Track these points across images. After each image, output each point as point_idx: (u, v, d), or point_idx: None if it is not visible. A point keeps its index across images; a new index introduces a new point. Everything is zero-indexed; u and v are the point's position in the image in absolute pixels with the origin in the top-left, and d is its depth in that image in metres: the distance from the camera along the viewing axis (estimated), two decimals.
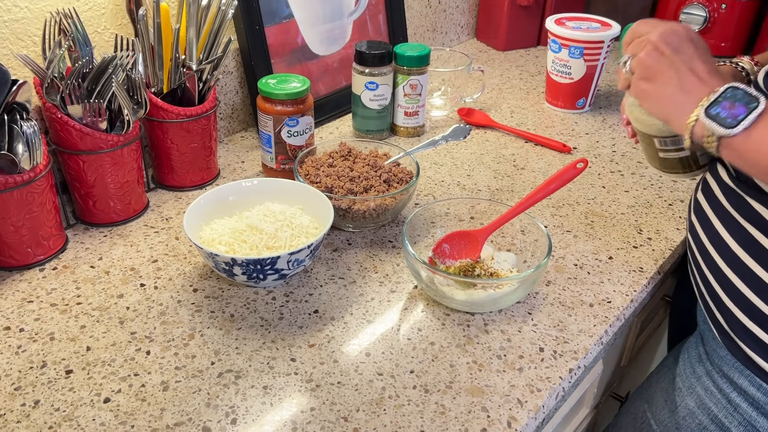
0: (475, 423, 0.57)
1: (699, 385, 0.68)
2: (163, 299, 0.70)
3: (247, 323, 0.67)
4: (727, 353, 0.65)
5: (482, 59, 1.41)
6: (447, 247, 0.75)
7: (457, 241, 0.75)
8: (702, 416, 0.67)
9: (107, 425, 0.56)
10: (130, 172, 0.80)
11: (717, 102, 0.56)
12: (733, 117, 0.54)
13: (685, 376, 0.70)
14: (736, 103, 0.55)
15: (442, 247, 0.75)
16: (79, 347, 0.63)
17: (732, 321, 0.64)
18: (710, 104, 0.56)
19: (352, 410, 0.58)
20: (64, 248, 0.77)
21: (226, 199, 0.75)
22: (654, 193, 0.93)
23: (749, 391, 0.63)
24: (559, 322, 0.69)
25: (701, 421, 0.67)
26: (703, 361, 0.69)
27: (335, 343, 0.65)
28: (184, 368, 0.62)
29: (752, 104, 0.54)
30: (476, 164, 1.00)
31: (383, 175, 0.82)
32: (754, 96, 0.54)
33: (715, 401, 0.66)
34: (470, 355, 0.64)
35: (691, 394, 0.68)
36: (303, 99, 0.87)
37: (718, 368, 0.66)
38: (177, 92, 0.85)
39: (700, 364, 0.69)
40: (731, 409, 0.65)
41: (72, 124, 0.73)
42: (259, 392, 0.59)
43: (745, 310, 0.62)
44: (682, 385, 0.70)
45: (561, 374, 0.62)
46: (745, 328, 0.62)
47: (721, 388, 0.66)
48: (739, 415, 0.64)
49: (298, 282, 0.73)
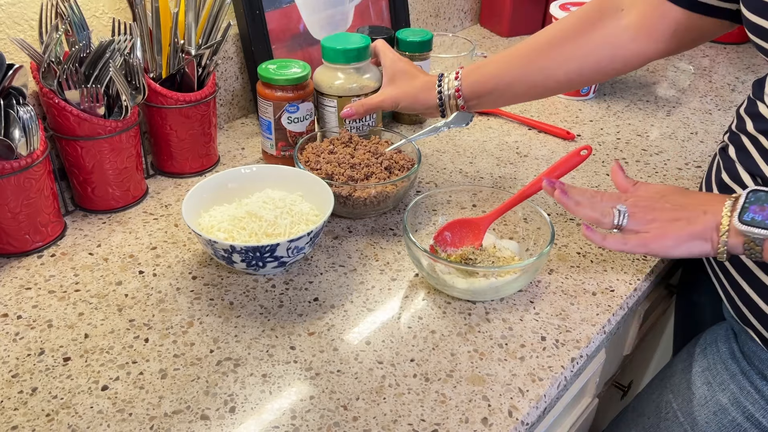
0: (476, 412, 0.57)
1: (733, 383, 0.66)
2: (161, 286, 0.69)
3: (247, 311, 0.67)
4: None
5: (486, 45, 1.40)
6: (448, 235, 0.74)
7: (458, 228, 0.74)
8: (735, 413, 0.66)
9: (105, 413, 0.55)
10: (129, 158, 0.79)
11: (745, 209, 0.55)
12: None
13: (716, 371, 0.68)
14: (765, 205, 0.54)
15: (443, 235, 0.74)
16: (77, 334, 0.63)
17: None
18: (740, 212, 0.56)
19: (352, 398, 0.57)
20: (62, 235, 0.76)
21: (225, 186, 0.75)
22: (658, 180, 0.92)
23: None
24: (561, 310, 0.68)
25: (734, 417, 0.66)
26: (737, 359, 0.67)
27: (335, 331, 0.64)
28: (182, 356, 0.61)
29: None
30: (479, 151, 0.98)
31: (384, 162, 0.81)
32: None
33: (752, 401, 0.65)
34: (471, 344, 0.64)
35: (723, 390, 0.67)
36: (304, 85, 0.86)
37: (758, 370, 0.65)
38: (176, 78, 0.84)
39: (734, 361, 0.67)
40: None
41: (69, 109, 0.72)
42: (258, 380, 0.59)
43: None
44: (712, 380, 0.68)
45: (563, 363, 0.62)
46: None
47: (759, 389, 0.64)
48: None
49: (298, 270, 0.73)
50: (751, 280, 0.63)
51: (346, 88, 0.87)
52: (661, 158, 0.98)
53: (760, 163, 0.63)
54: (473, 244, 0.74)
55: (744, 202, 0.56)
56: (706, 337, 0.73)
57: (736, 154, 0.67)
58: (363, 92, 0.88)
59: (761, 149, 0.63)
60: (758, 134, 0.63)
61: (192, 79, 0.84)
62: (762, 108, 0.63)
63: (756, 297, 0.63)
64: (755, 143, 0.64)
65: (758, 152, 0.63)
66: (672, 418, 0.71)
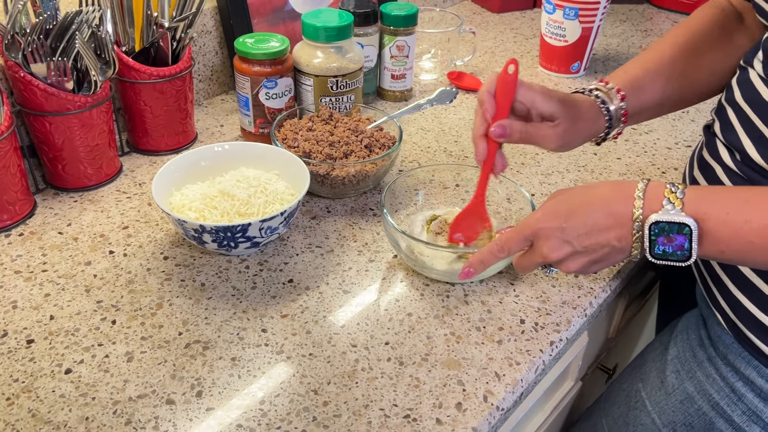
0: (450, 397, 0.55)
1: (700, 370, 0.65)
2: (132, 267, 0.67)
3: (218, 292, 0.65)
4: (734, 341, 0.62)
5: (476, 21, 1.37)
6: (460, 236, 0.69)
7: (464, 222, 0.69)
8: (701, 402, 0.64)
9: (67, 397, 0.54)
10: (101, 134, 0.77)
11: (654, 243, 0.52)
12: (681, 248, 0.52)
13: (685, 359, 0.67)
14: (671, 235, 0.51)
15: (454, 238, 0.70)
16: (42, 316, 0.61)
17: (739, 309, 0.60)
18: (650, 247, 0.53)
19: (323, 383, 0.56)
20: (31, 213, 0.74)
21: (197, 164, 0.72)
22: (647, 160, 0.90)
23: (757, 382, 0.60)
24: (542, 293, 0.66)
25: (700, 406, 0.64)
26: (705, 345, 0.65)
27: (309, 314, 0.63)
28: (150, 338, 0.59)
29: (684, 230, 0.51)
30: (464, 130, 0.96)
31: (364, 140, 0.78)
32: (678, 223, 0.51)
33: (717, 388, 0.63)
34: (448, 327, 0.62)
35: (690, 378, 0.65)
36: (282, 59, 0.83)
37: (722, 355, 0.63)
38: (150, 51, 0.82)
39: (701, 348, 0.66)
40: (735, 398, 0.62)
41: (36, 83, 0.70)
42: (227, 364, 0.57)
43: (754, 298, 0.58)
44: (680, 368, 0.67)
45: (542, 347, 0.60)
46: (754, 319, 0.59)
47: (724, 375, 0.62)
48: (743, 405, 0.61)
49: (273, 250, 0.71)
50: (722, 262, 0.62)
51: (325, 67, 0.84)
52: (651, 137, 0.96)
53: (741, 135, 0.60)
54: (485, 228, 0.70)
55: (650, 235, 0.53)
56: (678, 324, 0.71)
57: (720, 128, 0.65)
58: (341, 73, 0.85)
59: (745, 120, 0.60)
60: (744, 104, 0.60)
61: (166, 53, 0.81)
62: (752, 74, 0.61)
63: (725, 278, 0.61)
64: (739, 114, 0.61)
65: (741, 124, 0.61)
66: (640, 407, 0.69)
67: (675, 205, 0.50)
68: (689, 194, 0.51)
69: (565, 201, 0.57)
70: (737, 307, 0.61)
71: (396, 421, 0.53)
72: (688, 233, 0.50)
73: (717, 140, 0.65)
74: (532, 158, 0.90)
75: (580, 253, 0.56)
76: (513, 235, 0.59)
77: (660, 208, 0.51)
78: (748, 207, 0.49)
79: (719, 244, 0.50)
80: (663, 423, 0.67)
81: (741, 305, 0.60)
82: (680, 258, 0.52)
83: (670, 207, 0.50)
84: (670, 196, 0.51)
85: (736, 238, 0.49)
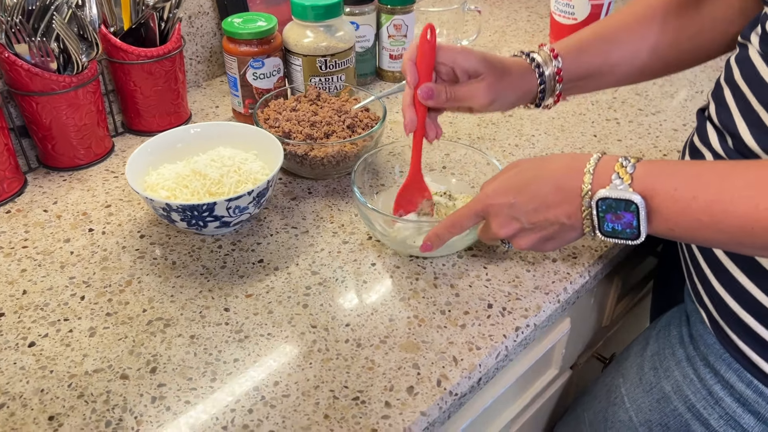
0: (403, 380, 0.54)
1: (677, 370, 0.61)
2: (108, 245, 0.69)
3: (188, 271, 0.65)
4: (716, 341, 0.58)
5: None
6: (402, 213, 0.69)
7: (405, 198, 0.69)
8: (677, 402, 0.61)
9: (27, 369, 0.55)
10: (89, 114, 0.78)
11: (602, 220, 0.50)
12: (629, 226, 0.49)
13: (664, 356, 0.64)
14: (618, 213, 0.49)
15: (399, 214, 0.69)
16: (15, 290, 0.63)
17: (722, 308, 0.57)
18: (598, 226, 0.51)
19: (277, 363, 0.55)
20: (21, 192, 0.76)
21: (173, 146, 0.73)
22: (650, 142, 0.86)
23: (737, 387, 0.56)
24: (515, 277, 0.64)
25: (676, 407, 0.61)
26: (685, 344, 0.62)
27: (273, 294, 0.62)
28: (114, 314, 0.60)
29: (631, 207, 0.48)
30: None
31: (347, 120, 0.77)
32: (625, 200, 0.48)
33: (694, 389, 0.60)
34: (413, 310, 0.61)
35: (668, 377, 0.62)
36: (269, 39, 0.83)
37: (702, 356, 0.59)
38: (140, 31, 0.82)
39: (681, 346, 0.62)
40: (712, 401, 0.58)
41: (20, 64, 0.71)
42: (185, 341, 0.58)
43: (738, 298, 0.55)
44: (659, 366, 0.63)
45: (505, 332, 0.58)
46: (737, 319, 0.55)
47: (702, 377, 0.59)
48: (720, 409, 0.58)
49: (248, 230, 0.71)
50: (707, 255, 0.58)
51: (313, 47, 0.83)
52: (657, 119, 0.92)
53: (736, 118, 0.56)
54: (424, 197, 0.69)
55: (598, 212, 0.50)
56: (662, 319, 0.68)
57: (715, 110, 0.61)
58: (329, 52, 0.84)
59: (741, 100, 0.56)
60: (743, 83, 0.56)
61: (155, 32, 0.81)
62: (751, 51, 0.56)
63: (709, 273, 0.58)
64: (736, 94, 0.57)
65: (737, 105, 0.57)
66: (619, 402, 0.67)
67: (624, 180, 0.48)
68: (640, 169, 0.48)
69: (516, 175, 0.55)
70: (720, 305, 0.57)
71: (344, 402, 0.52)
72: (635, 210, 0.47)
73: (708, 124, 0.61)
74: (527, 140, 0.87)
75: (529, 229, 0.54)
76: (465, 211, 0.57)
77: (609, 183, 0.49)
78: (698, 181, 0.46)
79: (668, 222, 0.47)
80: (640, 421, 0.64)
81: (724, 303, 0.56)
82: (629, 236, 0.49)
83: (618, 182, 0.48)
84: (619, 171, 0.48)
85: (684, 215, 0.46)
